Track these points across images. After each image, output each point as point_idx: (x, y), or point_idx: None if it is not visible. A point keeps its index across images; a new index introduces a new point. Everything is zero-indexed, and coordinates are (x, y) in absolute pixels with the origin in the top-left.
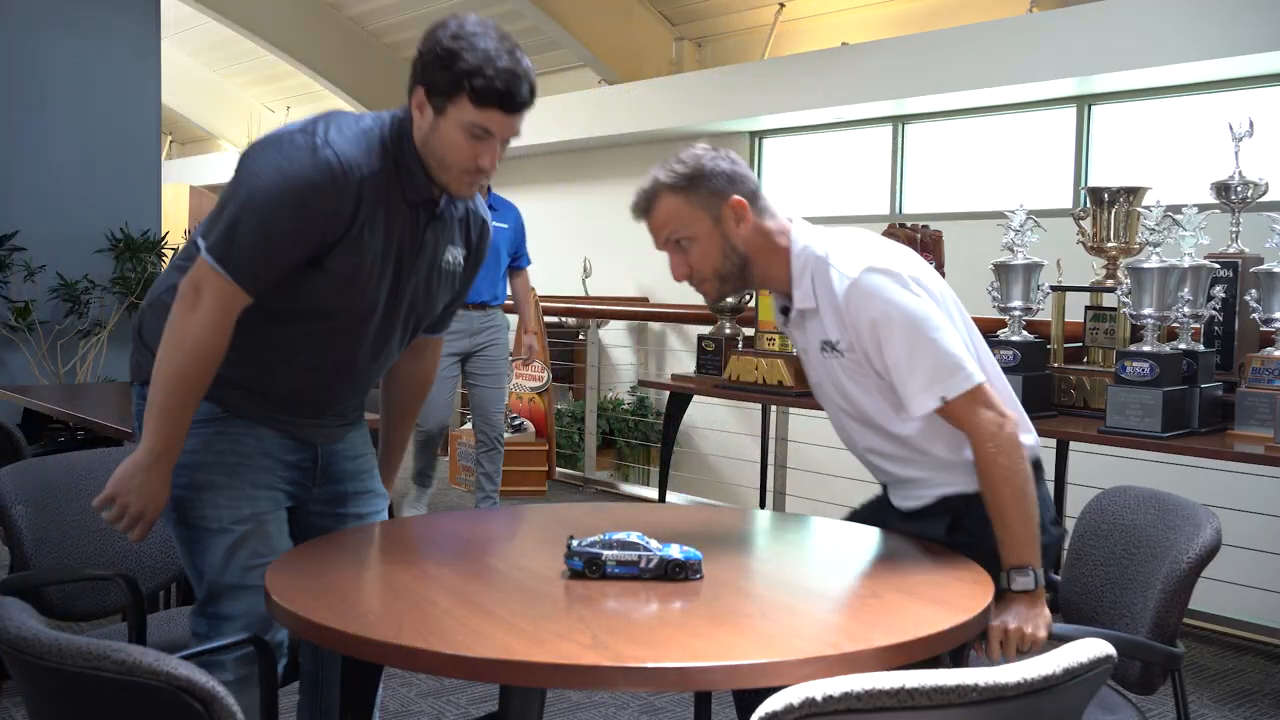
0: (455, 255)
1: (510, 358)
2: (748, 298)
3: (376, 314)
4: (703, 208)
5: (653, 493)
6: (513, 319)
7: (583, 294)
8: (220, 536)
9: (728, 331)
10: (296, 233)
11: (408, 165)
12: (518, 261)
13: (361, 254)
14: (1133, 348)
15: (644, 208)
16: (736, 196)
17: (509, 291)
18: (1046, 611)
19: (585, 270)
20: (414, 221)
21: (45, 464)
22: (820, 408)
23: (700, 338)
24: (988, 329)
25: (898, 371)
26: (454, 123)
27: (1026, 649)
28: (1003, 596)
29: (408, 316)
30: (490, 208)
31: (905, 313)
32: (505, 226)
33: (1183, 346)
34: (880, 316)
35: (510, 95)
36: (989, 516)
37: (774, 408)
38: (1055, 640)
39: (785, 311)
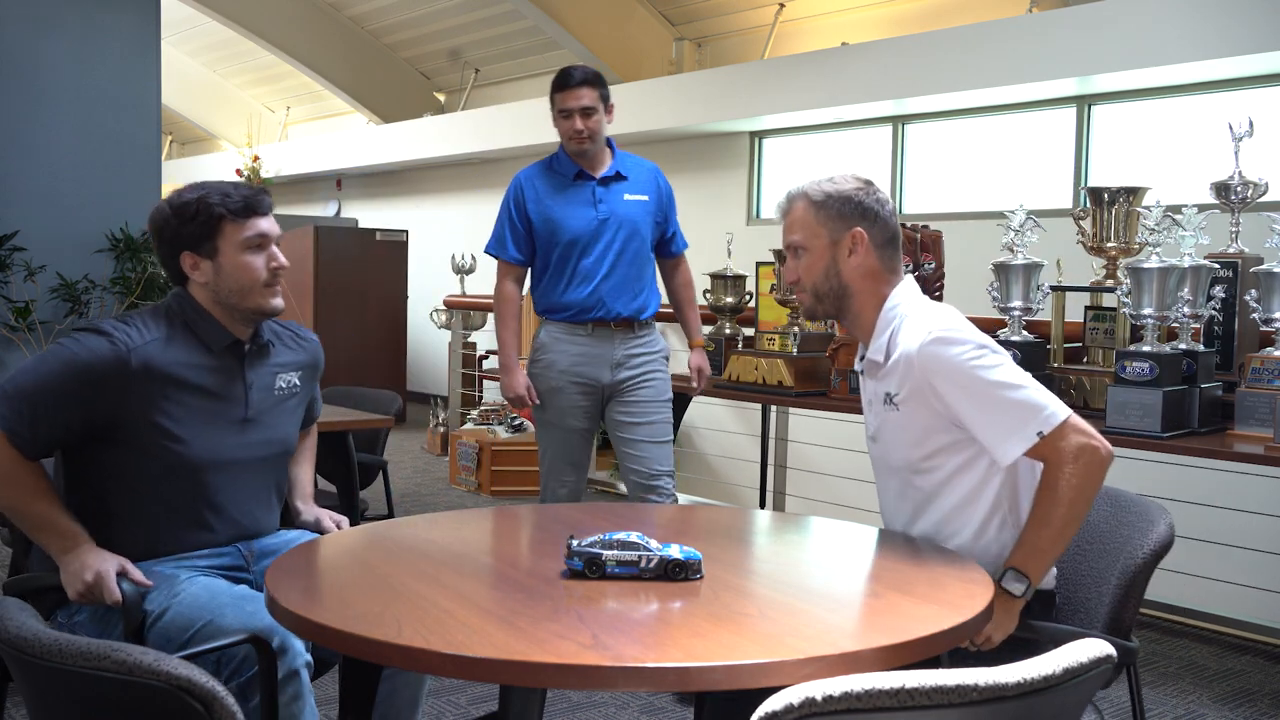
0: (289, 379)
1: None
2: (747, 298)
3: (228, 455)
4: (826, 226)
5: None
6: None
7: None
8: (184, 599)
9: (728, 332)
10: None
11: (199, 322)
12: (669, 246)
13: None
14: (1132, 348)
15: (784, 209)
16: (860, 229)
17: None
18: (1012, 623)
19: None
20: (225, 370)
21: None
22: (825, 409)
23: None
24: (987, 329)
25: (977, 422)
26: (230, 250)
27: (979, 645)
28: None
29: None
30: (617, 175)
31: (983, 364)
32: (645, 199)
33: (1183, 346)
34: (953, 370)
35: (257, 200)
36: (1028, 520)
37: (774, 408)
38: (1016, 640)
39: (862, 359)
